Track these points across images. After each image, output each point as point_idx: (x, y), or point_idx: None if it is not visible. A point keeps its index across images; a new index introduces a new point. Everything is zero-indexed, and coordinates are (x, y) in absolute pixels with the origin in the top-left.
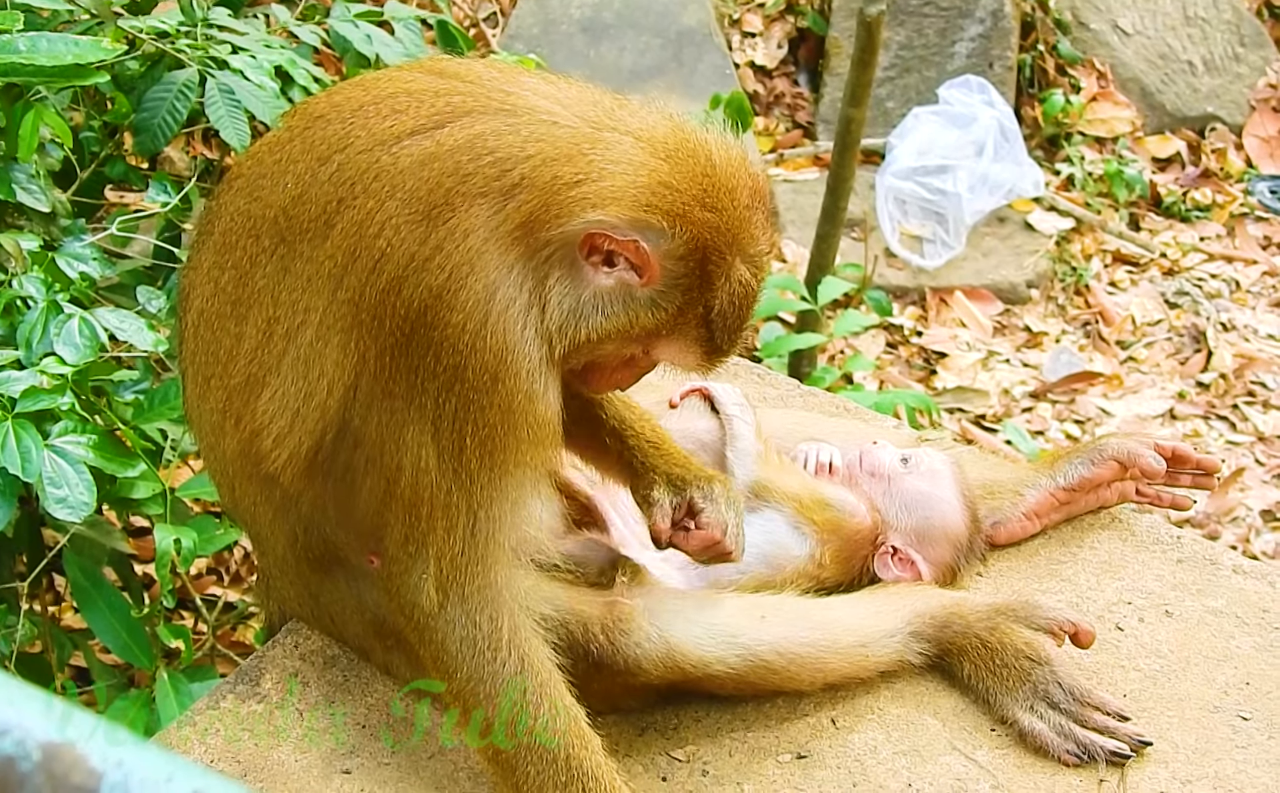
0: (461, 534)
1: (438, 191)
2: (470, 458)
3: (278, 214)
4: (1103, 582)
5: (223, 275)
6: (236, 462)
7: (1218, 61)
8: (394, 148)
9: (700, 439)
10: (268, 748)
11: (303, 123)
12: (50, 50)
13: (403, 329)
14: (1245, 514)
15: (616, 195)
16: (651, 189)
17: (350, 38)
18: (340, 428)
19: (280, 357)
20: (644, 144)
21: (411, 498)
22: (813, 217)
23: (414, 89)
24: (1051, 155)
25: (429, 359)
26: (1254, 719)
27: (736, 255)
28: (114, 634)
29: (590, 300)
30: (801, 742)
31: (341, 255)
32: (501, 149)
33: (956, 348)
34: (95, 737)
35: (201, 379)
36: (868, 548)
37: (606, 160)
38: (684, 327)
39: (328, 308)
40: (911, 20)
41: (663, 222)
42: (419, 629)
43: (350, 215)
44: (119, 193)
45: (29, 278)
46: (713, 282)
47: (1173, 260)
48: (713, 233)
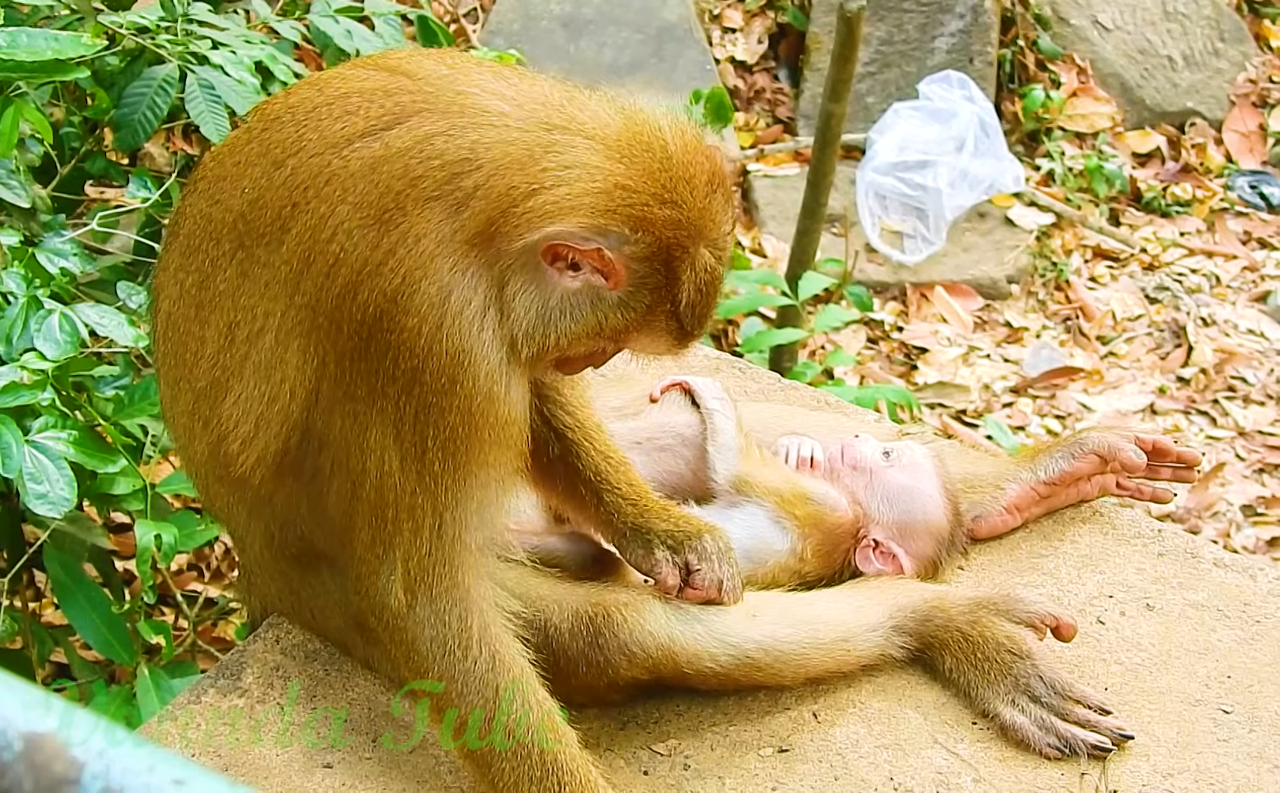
0: (428, 536)
1: (388, 196)
2: (433, 460)
3: (236, 218)
4: (1084, 576)
5: (187, 278)
6: (208, 463)
7: (1197, 57)
8: (344, 150)
9: (681, 434)
10: (249, 743)
11: (260, 125)
12: (30, 46)
13: (360, 333)
14: (1226, 509)
15: (574, 204)
16: (609, 193)
17: (330, 33)
18: (305, 431)
19: (242, 361)
20: (598, 145)
21: (377, 500)
22: (793, 212)
23: (365, 89)
24: (1032, 151)
25: (387, 362)
26: (1235, 712)
27: (700, 244)
28: (95, 630)
29: (557, 305)
30: (783, 736)
31: (297, 260)
32: (451, 153)
33: (937, 343)
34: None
35: (171, 381)
36: (849, 542)
37: (561, 166)
38: (653, 320)
39: (285, 312)
40: (892, 15)
41: (624, 226)
42: (389, 630)
43: (304, 220)
44: (99, 188)
45: (9, 273)
46: (679, 274)
47: (1153, 255)
48: (674, 229)
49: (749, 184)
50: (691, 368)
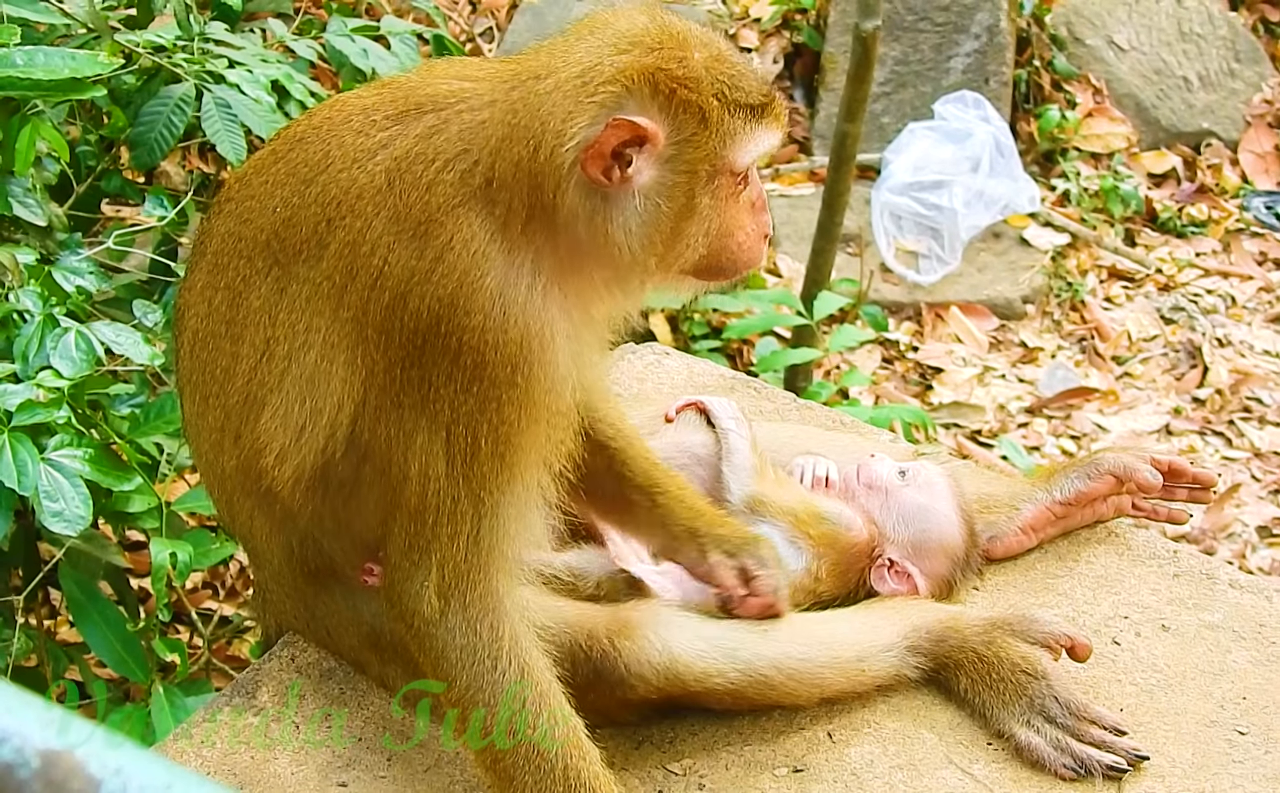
0: (466, 541)
1: (417, 207)
2: (483, 460)
3: (269, 237)
4: (1099, 596)
5: (216, 296)
6: (235, 478)
7: (1213, 77)
8: (367, 164)
9: (696, 453)
10: (264, 760)
11: (285, 146)
12: (47, 64)
13: (414, 341)
14: (1241, 530)
15: (569, 119)
16: (585, 87)
17: (346, 52)
18: (347, 443)
19: (281, 376)
20: (559, 69)
21: (418, 505)
22: (808, 232)
23: (372, 104)
24: (1047, 171)
25: (445, 364)
26: (1250, 734)
27: (684, 41)
28: (109, 648)
29: (641, 205)
30: (798, 756)
31: (339, 275)
32: (446, 149)
33: (952, 363)
34: (93, 745)
35: (199, 397)
36: (864, 561)
37: (539, 108)
38: (720, 125)
39: (330, 327)
40: (907, 36)
41: (616, 91)
42: (419, 637)
43: (341, 236)
44: (115, 207)
45: (25, 292)
46: (696, 75)
47: (1168, 276)
48: (652, 53)
49: None
50: (707, 388)
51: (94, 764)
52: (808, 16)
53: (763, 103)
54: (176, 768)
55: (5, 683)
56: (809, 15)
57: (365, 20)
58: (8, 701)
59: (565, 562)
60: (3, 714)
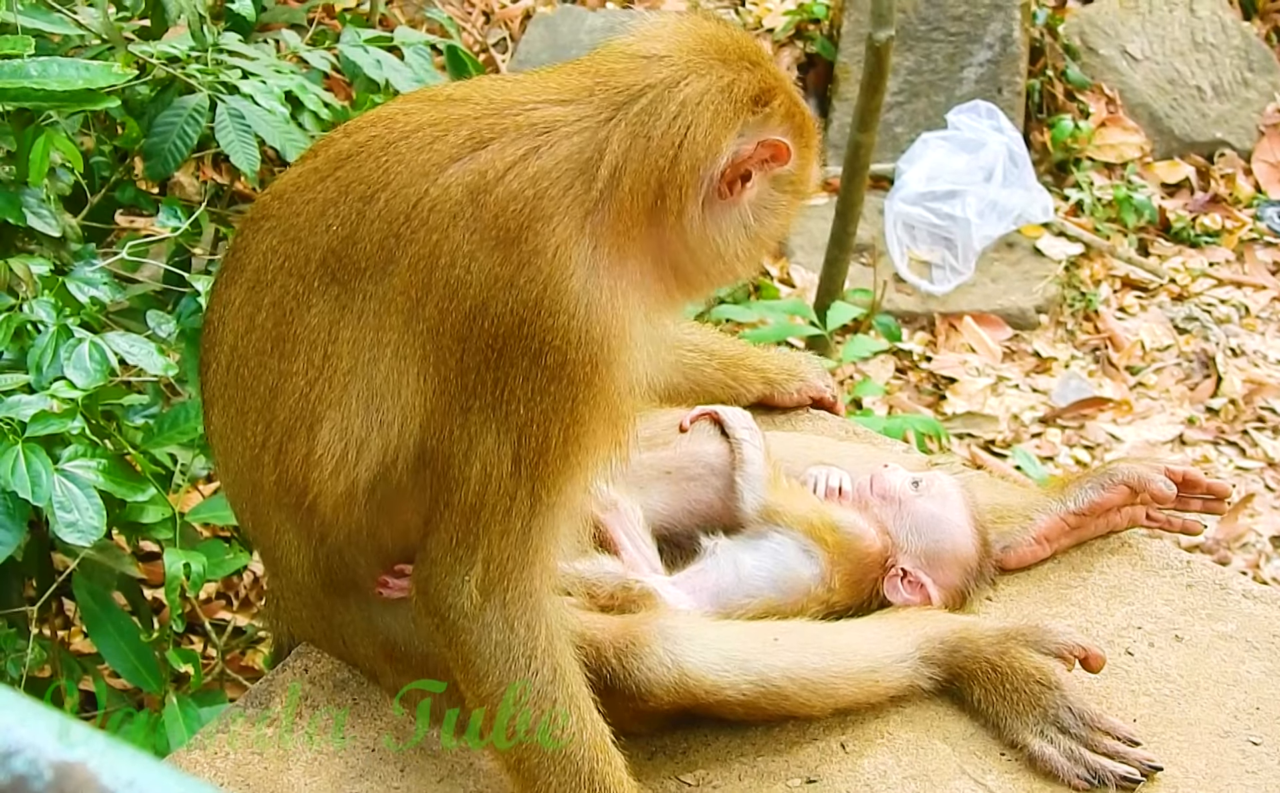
0: (515, 539)
1: (504, 216)
2: (552, 460)
3: (325, 254)
4: (1112, 606)
5: (259, 313)
6: (272, 491)
7: (1226, 87)
8: (439, 178)
9: (710, 463)
10: (277, 771)
11: (329, 165)
12: (61, 75)
13: (492, 345)
14: (1255, 540)
15: (712, 130)
16: (726, 98)
17: (360, 63)
18: (412, 452)
19: (343, 391)
20: (680, 74)
21: (474, 503)
22: (822, 242)
23: (433, 120)
24: (1060, 181)
25: (524, 364)
26: (1264, 744)
27: (771, 65)
28: (123, 659)
29: (755, 217)
30: (811, 766)
31: (414, 290)
32: (555, 172)
33: (966, 373)
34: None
35: (236, 412)
36: (877, 571)
37: (671, 117)
38: (815, 151)
39: (402, 340)
40: (920, 46)
41: (754, 111)
42: (452, 630)
43: (414, 250)
44: (129, 217)
45: (39, 302)
46: (795, 100)
47: (1182, 286)
48: (769, 74)
49: None
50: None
51: (107, 776)
52: (821, 26)
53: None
54: (190, 779)
55: (19, 694)
56: (822, 25)
57: (379, 31)
58: (21, 711)
59: (579, 570)
60: (16, 725)
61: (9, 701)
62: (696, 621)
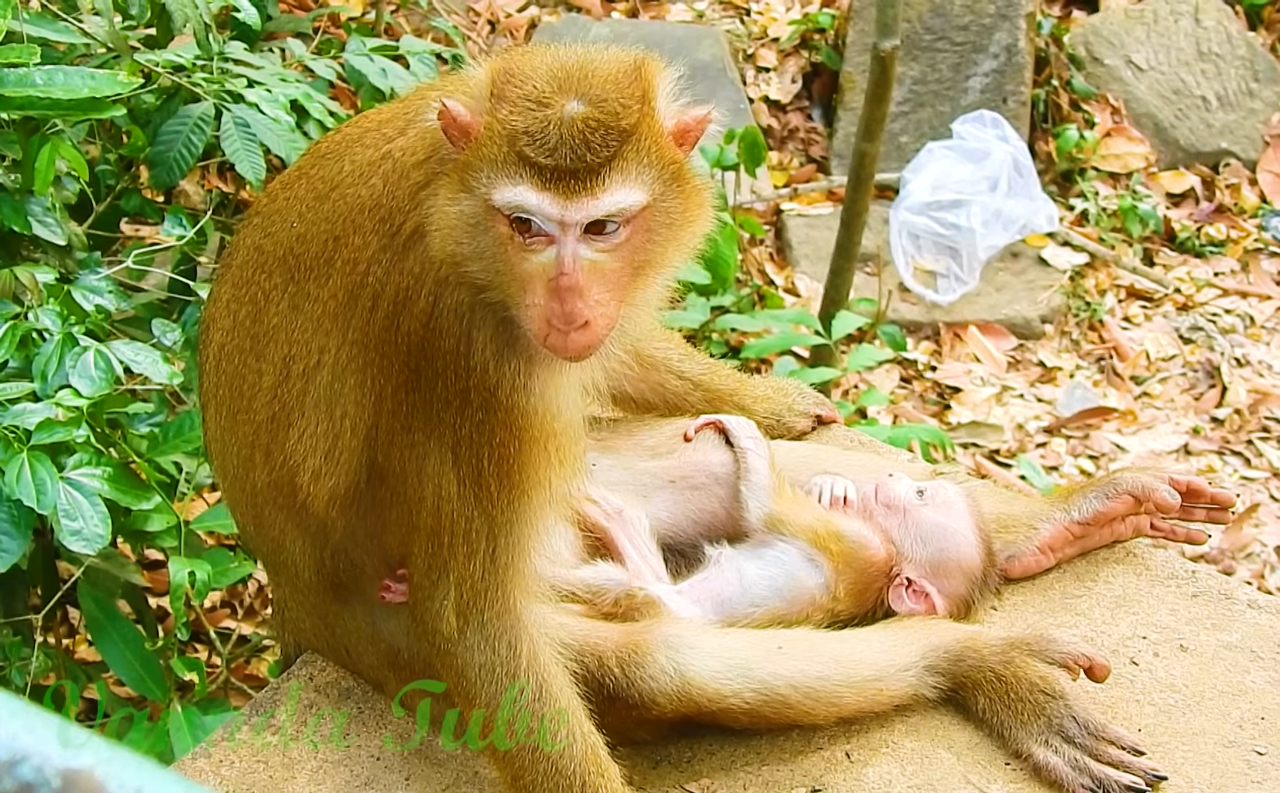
0: (482, 560)
1: (398, 215)
2: (488, 480)
3: (285, 252)
4: (1117, 616)
5: (240, 310)
6: (267, 492)
7: (1231, 97)
8: (371, 178)
9: (715, 473)
10: (282, 779)
11: (311, 162)
12: (66, 84)
13: (408, 363)
14: (1260, 550)
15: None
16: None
17: (365, 72)
18: (368, 465)
19: (301, 396)
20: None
21: (434, 526)
22: (827, 251)
23: (382, 119)
24: (1065, 191)
25: (439, 388)
26: (1269, 754)
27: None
28: (128, 667)
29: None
30: (816, 775)
31: (344, 295)
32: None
33: (970, 383)
34: (114, 765)
35: (227, 413)
36: (882, 580)
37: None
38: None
39: (340, 348)
40: (925, 55)
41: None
42: (441, 655)
43: (345, 253)
44: (134, 226)
45: (45, 310)
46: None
47: (1187, 296)
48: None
49: (782, 223)
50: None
51: (114, 784)
52: (826, 36)
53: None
54: (196, 787)
55: (25, 701)
56: (827, 35)
57: (384, 40)
58: (27, 719)
59: (582, 578)
60: (22, 733)
61: (15, 708)
62: (699, 629)
